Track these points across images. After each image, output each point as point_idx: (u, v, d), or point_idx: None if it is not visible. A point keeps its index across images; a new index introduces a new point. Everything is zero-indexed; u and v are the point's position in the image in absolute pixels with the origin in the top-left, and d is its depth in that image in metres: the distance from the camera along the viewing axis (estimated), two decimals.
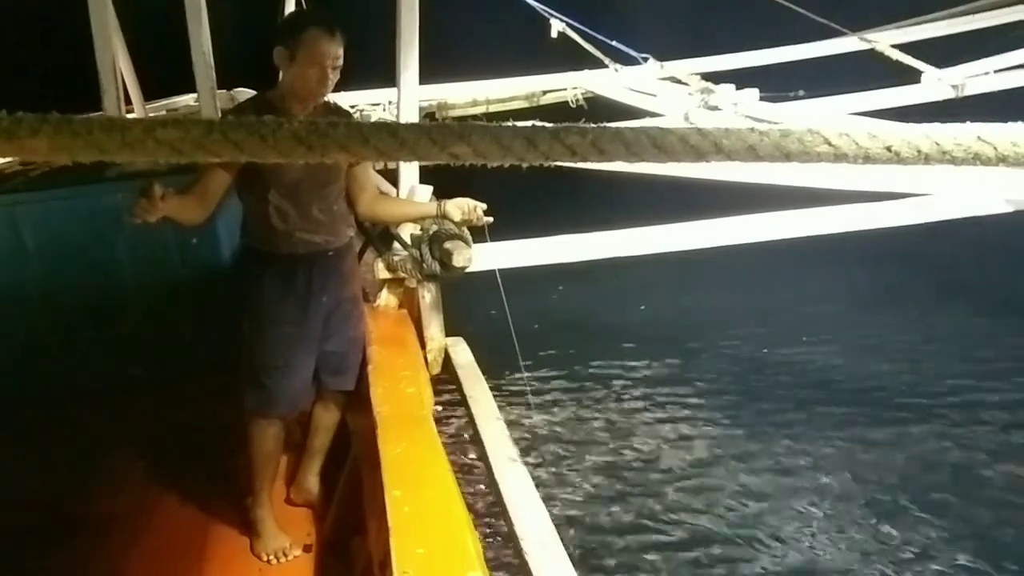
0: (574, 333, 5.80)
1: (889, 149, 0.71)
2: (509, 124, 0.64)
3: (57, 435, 3.28)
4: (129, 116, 4.40)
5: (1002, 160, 0.73)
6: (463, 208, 2.81)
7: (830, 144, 0.70)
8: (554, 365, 5.26)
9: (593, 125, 0.66)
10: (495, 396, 2.86)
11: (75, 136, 0.57)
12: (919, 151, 0.72)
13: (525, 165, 0.65)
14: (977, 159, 0.73)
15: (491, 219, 2.86)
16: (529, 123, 0.66)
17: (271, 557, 2.55)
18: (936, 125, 0.79)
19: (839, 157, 0.70)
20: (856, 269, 6.46)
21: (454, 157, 0.63)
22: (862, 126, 0.73)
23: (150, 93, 5.21)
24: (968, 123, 0.82)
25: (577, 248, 3.24)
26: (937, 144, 0.72)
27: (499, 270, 3.00)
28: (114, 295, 3.56)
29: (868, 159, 0.71)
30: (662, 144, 0.65)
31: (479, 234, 2.95)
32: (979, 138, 0.73)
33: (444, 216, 2.82)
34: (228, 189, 2.39)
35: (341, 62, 2.33)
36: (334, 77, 2.33)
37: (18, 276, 3.47)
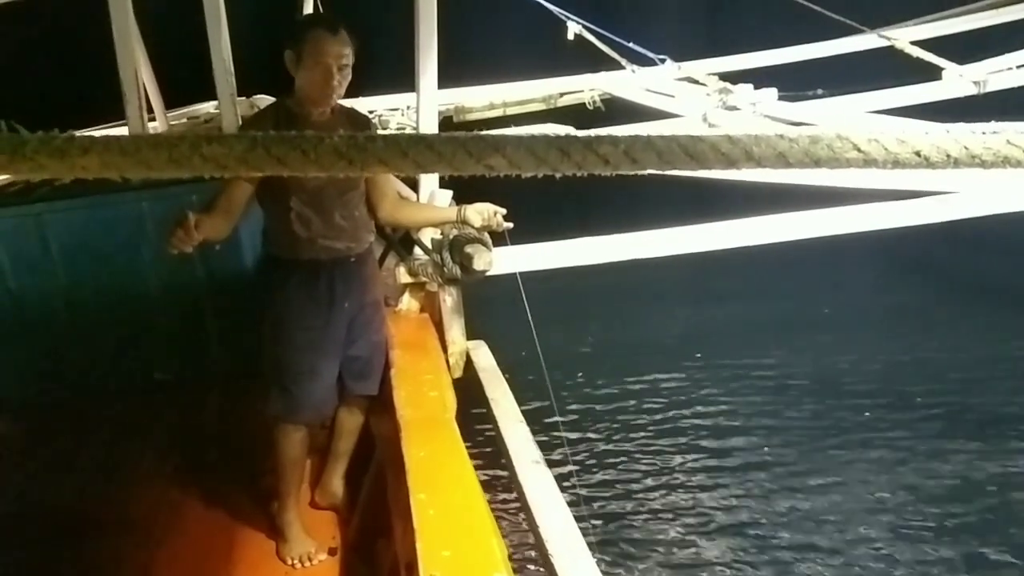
0: (597, 337, 5.82)
1: (918, 154, 0.71)
2: (543, 135, 0.65)
3: (83, 440, 3.33)
4: (151, 125, 4.46)
5: None
6: (483, 214, 2.83)
7: (859, 150, 0.70)
8: (577, 368, 5.27)
9: (625, 135, 0.67)
10: (517, 399, 2.87)
11: (124, 154, 0.59)
12: (948, 155, 0.72)
13: (559, 175, 0.67)
14: (1007, 162, 0.73)
15: (511, 224, 2.88)
16: (564, 131, 0.66)
17: (296, 561, 2.58)
18: (964, 127, 0.79)
19: (868, 163, 0.71)
20: (883, 272, 6.41)
21: (489, 168, 0.64)
22: (891, 130, 0.73)
23: (171, 101, 5.27)
24: (995, 123, 0.82)
25: (597, 251, 3.23)
26: (966, 148, 0.72)
27: (520, 273, 3.00)
28: (139, 302, 3.61)
29: (897, 164, 0.71)
30: (694, 152, 0.66)
31: (499, 238, 2.97)
32: (1008, 142, 0.73)
33: (464, 222, 2.84)
34: (250, 199, 2.41)
35: (348, 61, 2.32)
36: (342, 77, 2.32)
37: (45, 283, 3.53)
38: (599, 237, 3.20)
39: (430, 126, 3.05)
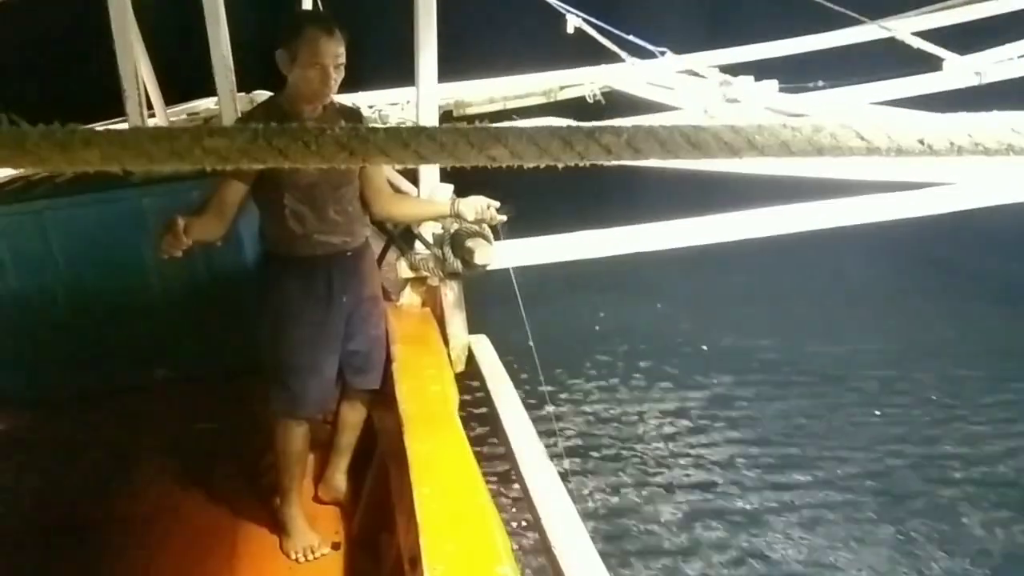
0: (597, 325, 5.82)
1: (922, 142, 0.71)
2: (545, 125, 0.65)
3: (84, 437, 3.33)
4: (151, 121, 4.45)
5: None
6: (477, 207, 2.81)
7: (863, 138, 0.70)
8: (578, 359, 5.27)
9: (628, 124, 0.67)
10: (519, 392, 2.87)
11: (126, 147, 0.59)
12: (952, 143, 0.72)
13: (561, 166, 0.66)
14: (1011, 150, 0.72)
15: (504, 218, 2.87)
16: (564, 123, 0.66)
17: (300, 555, 2.59)
18: (968, 115, 0.78)
19: (872, 151, 0.70)
20: (874, 263, 6.41)
21: (491, 159, 0.64)
22: (894, 118, 0.73)
23: (171, 97, 5.26)
24: (997, 112, 0.82)
25: (595, 244, 3.21)
26: (970, 136, 0.72)
27: (515, 268, 3.00)
28: (140, 298, 3.61)
29: (901, 152, 0.71)
30: (696, 141, 0.66)
31: (493, 232, 2.96)
32: (1013, 129, 0.73)
33: (458, 215, 2.83)
34: (245, 198, 2.40)
35: (343, 60, 2.31)
36: (337, 76, 2.31)
37: (45, 280, 3.53)
38: (595, 231, 3.19)
39: (430, 120, 3.04)
